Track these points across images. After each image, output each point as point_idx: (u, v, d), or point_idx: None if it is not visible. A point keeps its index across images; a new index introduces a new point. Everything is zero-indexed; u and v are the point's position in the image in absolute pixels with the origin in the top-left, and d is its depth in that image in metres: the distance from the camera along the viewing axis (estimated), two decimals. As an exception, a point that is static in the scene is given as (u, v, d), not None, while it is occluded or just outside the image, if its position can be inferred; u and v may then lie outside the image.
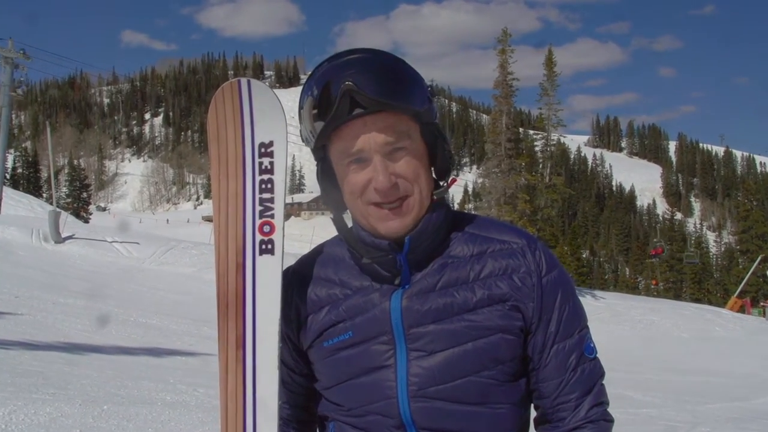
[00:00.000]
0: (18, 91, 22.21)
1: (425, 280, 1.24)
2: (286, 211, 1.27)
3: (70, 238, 20.39)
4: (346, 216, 1.29)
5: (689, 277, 71.46)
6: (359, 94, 1.13)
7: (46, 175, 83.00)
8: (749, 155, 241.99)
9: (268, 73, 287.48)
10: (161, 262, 20.12)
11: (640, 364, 15.61)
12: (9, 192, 32.47)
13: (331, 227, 1.31)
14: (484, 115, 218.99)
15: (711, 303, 50.79)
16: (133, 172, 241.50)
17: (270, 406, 1.22)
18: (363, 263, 1.26)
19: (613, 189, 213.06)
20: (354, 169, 1.19)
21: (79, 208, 62.00)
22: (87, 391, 5.56)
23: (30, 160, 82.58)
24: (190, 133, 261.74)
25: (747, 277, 48.07)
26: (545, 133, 36.85)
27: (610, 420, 1.27)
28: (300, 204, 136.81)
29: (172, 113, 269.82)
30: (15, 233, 19.51)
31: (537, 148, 37.73)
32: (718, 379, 13.94)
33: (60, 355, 7.24)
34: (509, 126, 32.93)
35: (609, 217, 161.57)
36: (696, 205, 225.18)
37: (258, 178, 1.24)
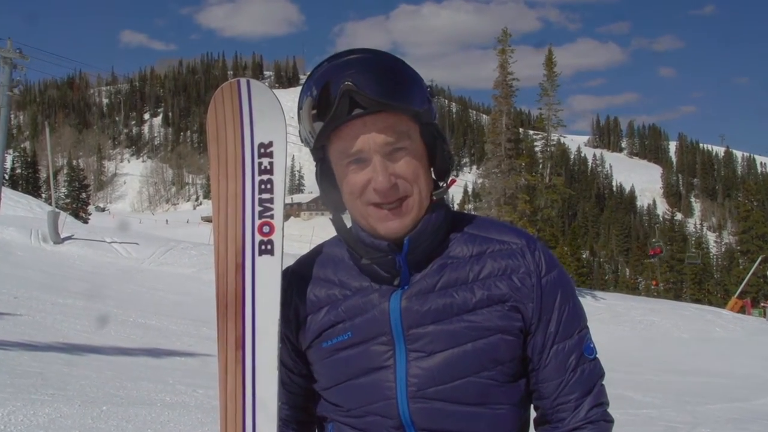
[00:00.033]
0: (14, 90, 22.18)
1: (424, 281, 1.23)
2: (285, 212, 1.27)
3: (69, 238, 20.41)
4: (346, 216, 1.29)
5: (689, 278, 71.46)
6: (359, 94, 1.13)
7: (45, 175, 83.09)
8: (750, 155, 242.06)
9: (267, 73, 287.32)
10: (160, 262, 20.13)
11: (640, 364, 15.62)
12: (8, 192, 32.45)
13: (330, 228, 1.31)
14: (484, 115, 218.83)
15: (711, 304, 50.83)
16: (132, 173, 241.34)
17: (270, 407, 1.22)
18: (362, 264, 1.25)
19: (613, 189, 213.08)
20: (353, 170, 1.19)
21: (78, 208, 61.94)
22: (86, 392, 5.56)
23: (29, 160, 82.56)
24: (189, 133, 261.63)
25: (747, 278, 48.14)
26: (545, 134, 36.87)
27: (610, 420, 1.27)
28: (299, 204, 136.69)
29: (171, 113, 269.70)
30: (14, 234, 19.53)
31: (537, 149, 37.78)
32: (718, 379, 13.95)
33: (59, 356, 7.25)
34: (509, 126, 32.96)
35: (609, 218, 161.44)
36: (696, 205, 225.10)
37: (257, 179, 1.24)
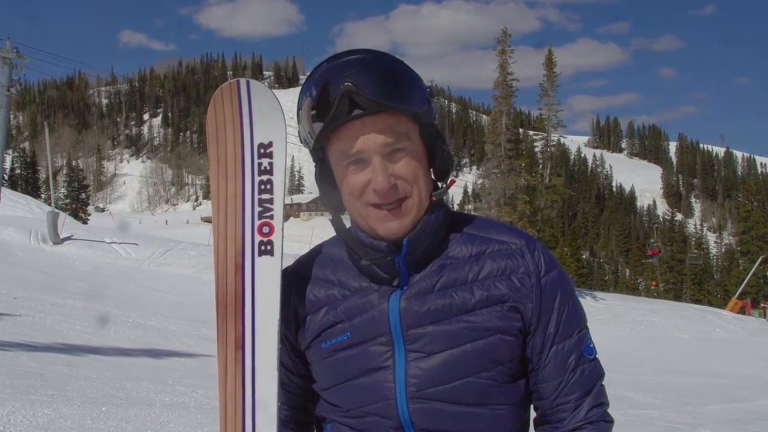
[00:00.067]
0: (12, 90, 22.18)
1: (424, 282, 1.23)
2: (285, 212, 1.27)
3: (68, 239, 20.41)
4: (345, 217, 1.29)
5: (689, 278, 71.47)
6: (358, 95, 1.13)
7: (44, 175, 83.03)
8: (750, 156, 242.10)
9: (267, 73, 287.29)
10: (160, 263, 20.13)
11: (640, 365, 15.62)
12: (7, 193, 32.46)
13: (330, 228, 1.31)
14: (484, 115, 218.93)
15: (711, 304, 50.80)
16: (131, 173, 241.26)
17: (269, 408, 1.22)
18: (362, 264, 1.25)
19: (613, 190, 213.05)
20: (353, 170, 1.19)
21: (77, 208, 61.88)
22: (86, 393, 5.56)
23: (28, 160, 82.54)
24: (188, 133, 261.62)
25: (747, 278, 48.13)
26: (545, 134, 36.88)
27: (609, 421, 1.27)
28: (299, 205, 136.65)
29: (170, 114, 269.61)
30: (13, 234, 19.52)
31: (537, 149, 37.79)
32: (718, 380, 13.94)
33: (58, 357, 7.24)
34: (509, 126, 32.95)
35: (609, 218, 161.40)
36: (696, 205, 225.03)
37: (257, 179, 1.24)
